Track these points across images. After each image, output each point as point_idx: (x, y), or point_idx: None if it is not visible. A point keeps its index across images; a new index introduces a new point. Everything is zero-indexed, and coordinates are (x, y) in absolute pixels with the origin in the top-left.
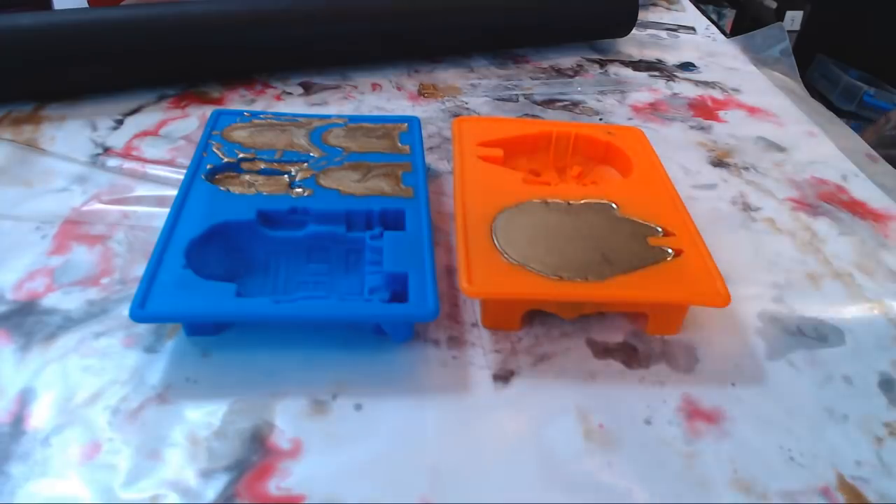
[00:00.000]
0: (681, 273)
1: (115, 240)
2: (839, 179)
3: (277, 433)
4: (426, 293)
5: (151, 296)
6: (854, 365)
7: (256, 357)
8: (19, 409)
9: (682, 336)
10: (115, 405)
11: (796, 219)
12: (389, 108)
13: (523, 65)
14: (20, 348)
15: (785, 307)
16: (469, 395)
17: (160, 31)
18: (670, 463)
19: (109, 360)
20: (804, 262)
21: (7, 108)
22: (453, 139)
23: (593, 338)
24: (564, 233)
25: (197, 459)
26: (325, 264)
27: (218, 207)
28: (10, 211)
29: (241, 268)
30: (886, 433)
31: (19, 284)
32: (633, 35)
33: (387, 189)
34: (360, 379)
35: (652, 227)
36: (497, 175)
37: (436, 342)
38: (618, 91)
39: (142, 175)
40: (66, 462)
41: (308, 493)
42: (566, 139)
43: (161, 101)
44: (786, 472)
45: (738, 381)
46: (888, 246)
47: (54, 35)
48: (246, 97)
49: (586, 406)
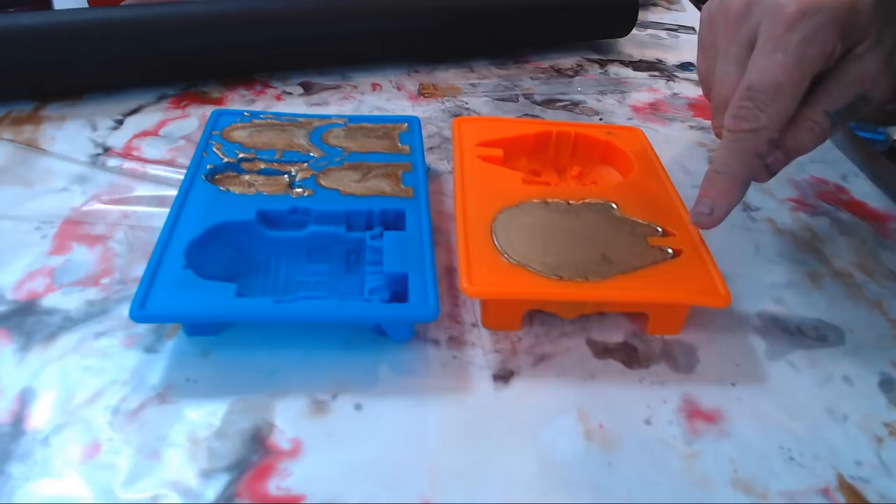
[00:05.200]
0: (681, 273)
1: (115, 240)
2: (839, 179)
3: (277, 433)
4: (426, 293)
5: (151, 296)
6: (854, 365)
7: (256, 357)
8: (19, 409)
9: (682, 336)
10: (115, 405)
11: (796, 219)
12: (389, 108)
13: (523, 65)
14: (20, 348)
15: (785, 307)
16: (469, 395)
17: (160, 31)
18: (670, 463)
19: (109, 360)
20: (804, 262)
21: (7, 108)
22: (453, 139)
23: (593, 338)
24: (564, 233)
25: (197, 459)
26: (325, 264)
27: (218, 207)
28: (10, 211)
29: (241, 268)
30: (886, 433)
31: (19, 284)
32: (633, 35)
33: (387, 189)
34: (360, 379)
35: (652, 227)
36: (497, 175)
37: (436, 342)
38: (618, 91)
39: (142, 175)
40: (66, 462)
41: (308, 493)
42: (566, 139)
43: (161, 101)
44: (786, 472)
45: (738, 381)
46: (888, 246)
47: (54, 35)
48: (246, 97)
49: (586, 406)
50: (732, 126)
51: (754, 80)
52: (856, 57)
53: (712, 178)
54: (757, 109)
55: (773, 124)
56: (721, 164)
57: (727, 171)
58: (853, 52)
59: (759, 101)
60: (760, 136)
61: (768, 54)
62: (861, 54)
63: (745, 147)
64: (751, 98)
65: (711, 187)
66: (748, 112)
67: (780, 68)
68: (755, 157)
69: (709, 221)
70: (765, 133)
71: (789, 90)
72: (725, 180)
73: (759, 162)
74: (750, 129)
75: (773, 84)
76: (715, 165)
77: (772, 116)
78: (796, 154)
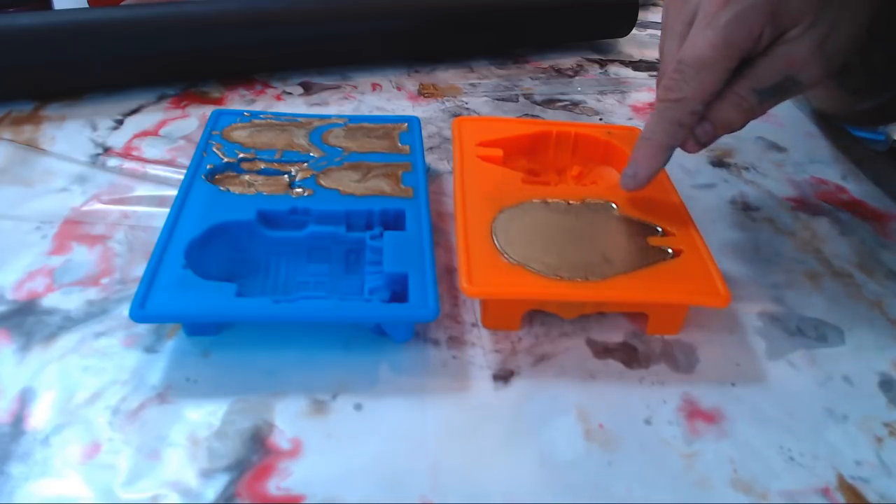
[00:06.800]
0: (681, 273)
1: (115, 240)
2: (839, 179)
3: (277, 433)
4: (426, 293)
5: (151, 296)
6: (854, 365)
7: (256, 357)
8: (19, 409)
9: (682, 336)
10: (115, 405)
11: (796, 219)
12: (389, 108)
13: (523, 65)
14: (20, 348)
15: (785, 307)
16: (469, 395)
17: (160, 31)
18: (670, 463)
19: (109, 360)
20: (804, 262)
21: (7, 108)
22: (453, 139)
23: (593, 338)
24: (564, 233)
25: (197, 459)
26: (325, 264)
27: (218, 207)
28: (10, 211)
29: (241, 268)
30: (886, 433)
31: (19, 284)
32: (633, 35)
33: (387, 189)
34: (360, 379)
35: (652, 227)
36: (497, 175)
37: (436, 342)
38: (618, 91)
39: (142, 175)
40: (66, 462)
41: (308, 493)
42: (566, 139)
43: (161, 101)
44: (786, 472)
45: (738, 381)
46: (888, 246)
47: (54, 35)
48: (246, 97)
49: (586, 406)
50: (661, 95)
51: (684, 54)
52: (787, 40)
53: (639, 143)
54: (683, 81)
55: (697, 96)
56: (649, 131)
57: (653, 136)
58: (786, 35)
59: (685, 73)
60: (684, 105)
61: (700, 30)
62: (793, 38)
63: (670, 116)
64: (679, 70)
65: (637, 152)
66: (675, 83)
67: (707, 44)
68: (678, 125)
69: (633, 183)
70: (688, 103)
71: (714, 65)
72: (650, 146)
73: (682, 131)
74: (675, 99)
75: (699, 58)
76: (643, 132)
77: (695, 88)
78: (725, 129)
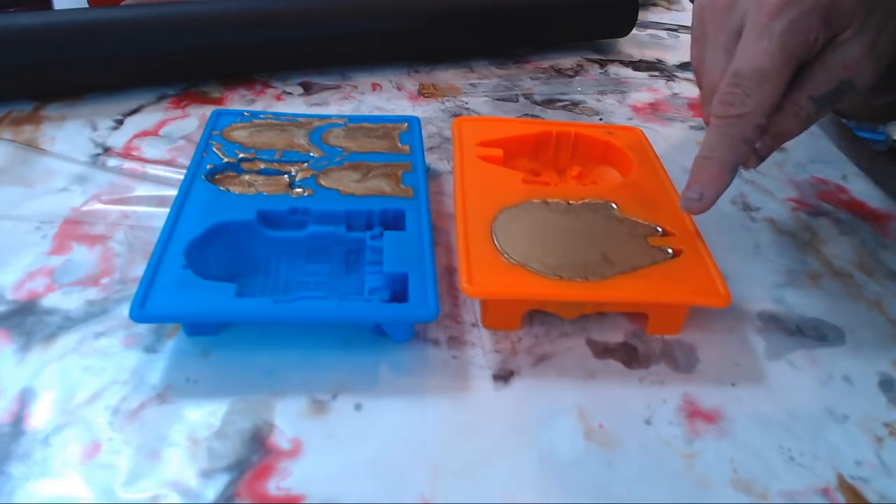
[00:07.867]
0: (681, 273)
1: (115, 240)
2: (839, 179)
3: (277, 433)
4: (426, 293)
5: (151, 296)
6: (854, 365)
7: (256, 357)
8: (19, 409)
9: (682, 336)
10: (115, 405)
11: (796, 219)
12: (389, 108)
13: (523, 65)
14: (20, 348)
15: (785, 307)
16: (469, 395)
17: (160, 31)
18: (670, 463)
19: (109, 360)
20: (804, 262)
21: (7, 108)
22: (453, 139)
23: (593, 338)
24: (564, 233)
25: (197, 459)
26: (325, 264)
27: (218, 207)
28: (10, 211)
29: (241, 268)
30: (886, 433)
31: (19, 284)
32: (633, 35)
33: (387, 189)
34: (360, 379)
35: (652, 227)
36: (497, 175)
37: (436, 342)
38: (618, 91)
39: (142, 175)
40: (65, 462)
41: (308, 493)
42: (566, 139)
43: (161, 101)
44: (786, 472)
45: (738, 381)
46: (888, 246)
47: (54, 35)
48: (246, 97)
49: (586, 406)
50: (720, 112)
51: (741, 67)
52: (840, 44)
53: (701, 163)
54: (744, 95)
55: (760, 109)
56: (709, 150)
57: (715, 156)
58: (837, 38)
59: (745, 86)
60: (747, 121)
61: (754, 41)
62: (845, 41)
63: (733, 132)
64: (737, 84)
65: (700, 173)
66: (735, 98)
67: (765, 54)
68: (742, 142)
69: (699, 206)
70: (751, 118)
71: (774, 76)
72: (714, 165)
73: (746, 147)
74: (737, 115)
75: (758, 70)
76: (703, 151)
77: (758, 102)
78: (783, 139)
